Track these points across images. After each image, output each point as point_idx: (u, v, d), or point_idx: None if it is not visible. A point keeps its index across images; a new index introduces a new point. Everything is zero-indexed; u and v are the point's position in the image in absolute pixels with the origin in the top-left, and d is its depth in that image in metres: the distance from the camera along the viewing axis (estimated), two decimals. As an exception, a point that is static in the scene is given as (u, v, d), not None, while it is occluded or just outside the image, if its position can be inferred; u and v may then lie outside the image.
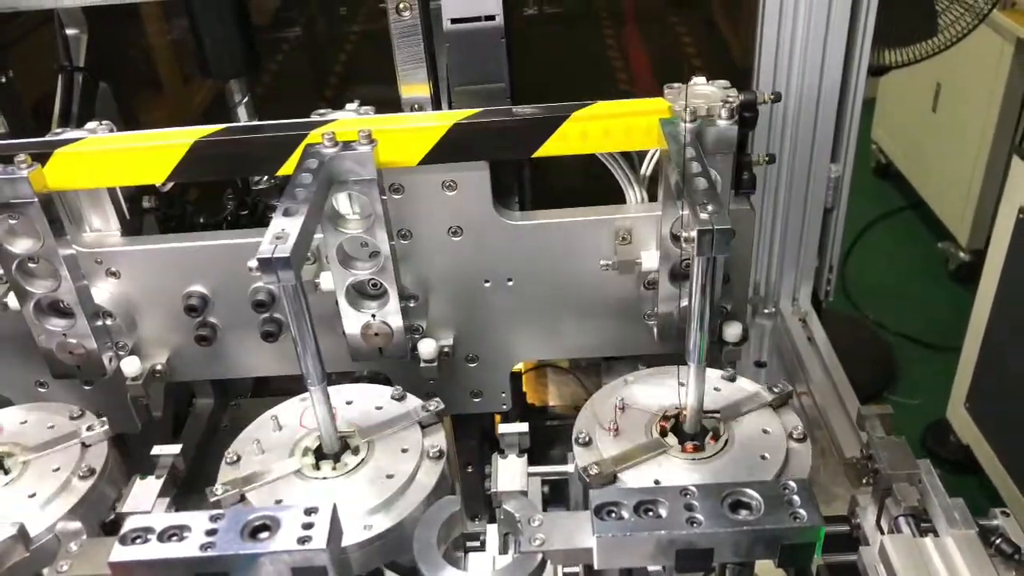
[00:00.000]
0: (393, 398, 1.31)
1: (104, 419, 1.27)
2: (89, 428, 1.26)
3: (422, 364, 1.43)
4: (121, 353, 1.46)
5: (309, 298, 1.08)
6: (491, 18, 1.37)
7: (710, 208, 1.01)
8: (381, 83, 1.51)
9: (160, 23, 2.01)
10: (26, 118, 1.54)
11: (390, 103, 1.44)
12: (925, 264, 4.19)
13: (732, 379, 1.28)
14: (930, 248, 4.20)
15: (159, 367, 1.48)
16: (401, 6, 1.33)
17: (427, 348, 1.42)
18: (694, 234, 0.99)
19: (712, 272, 1.05)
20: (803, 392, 1.85)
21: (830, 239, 2.04)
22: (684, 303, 1.36)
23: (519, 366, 1.61)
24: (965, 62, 3.39)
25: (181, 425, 1.87)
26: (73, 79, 1.67)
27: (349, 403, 1.30)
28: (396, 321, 1.39)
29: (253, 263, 1.03)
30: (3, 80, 1.48)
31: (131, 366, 1.43)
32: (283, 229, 1.05)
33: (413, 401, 1.31)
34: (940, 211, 4.21)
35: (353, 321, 1.39)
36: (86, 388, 1.48)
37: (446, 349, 1.46)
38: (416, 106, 1.44)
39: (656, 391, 1.25)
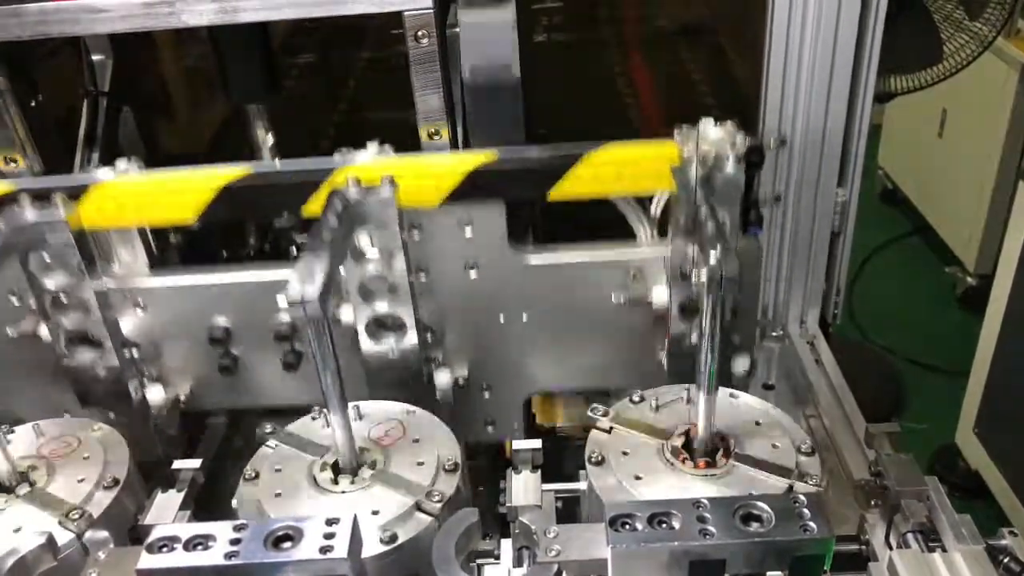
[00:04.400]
0: (408, 414, 1.33)
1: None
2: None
3: (437, 394, 1.47)
4: (146, 382, 1.52)
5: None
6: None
7: (719, 250, 1.05)
8: (396, 109, 1.54)
9: (181, 49, 2.05)
10: (54, 141, 1.58)
11: (406, 124, 1.48)
12: (932, 289, 4.19)
13: (737, 397, 1.31)
14: (937, 273, 4.21)
15: (182, 396, 1.54)
16: (419, 33, 1.37)
17: (443, 379, 1.47)
18: (704, 277, 1.04)
19: (721, 310, 1.09)
20: (811, 415, 1.86)
21: (837, 262, 2.06)
22: (694, 338, 1.40)
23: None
24: (970, 88, 3.42)
25: (195, 441, 1.89)
26: (97, 104, 1.71)
27: (365, 417, 1.33)
28: (413, 353, 1.44)
29: (284, 302, 1.08)
30: (33, 104, 1.52)
31: (156, 395, 1.49)
32: (311, 269, 1.10)
33: (428, 416, 1.33)
34: (947, 236, 4.22)
35: (372, 352, 1.44)
36: (111, 415, 1.51)
37: (461, 380, 1.51)
38: (433, 131, 1.47)
39: (668, 409, 1.28)
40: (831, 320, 2.14)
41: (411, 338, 1.43)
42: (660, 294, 1.42)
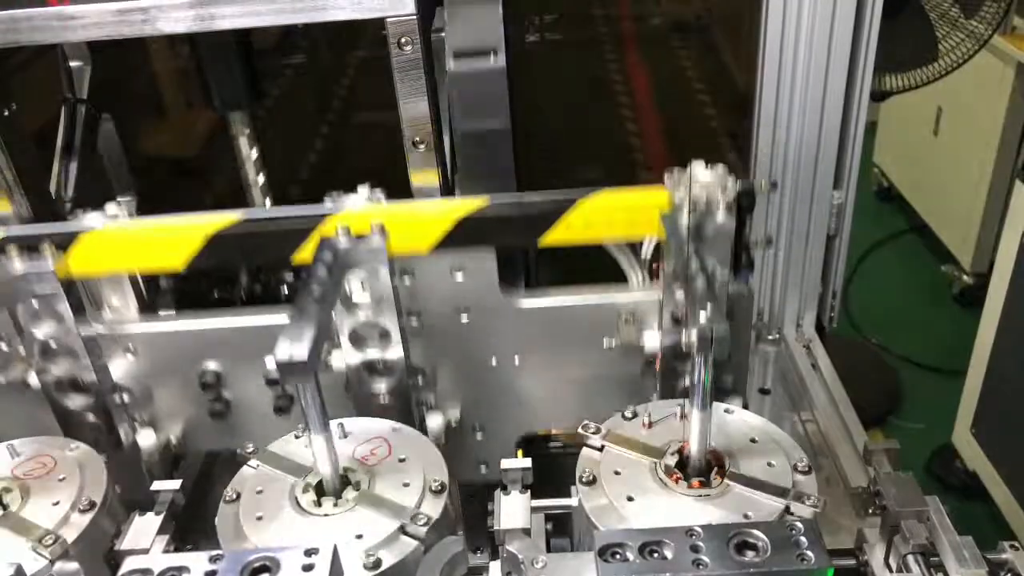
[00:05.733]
0: (394, 431, 1.30)
1: (118, 488, 1.29)
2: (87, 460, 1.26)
3: (430, 436, 1.45)
4: (137, 426, 1.50)
5: (320, 376, 1.10)
6: (493, 53, 1.38)
7: (709, 309, 1.04)
8: (382, 110, 1.52)
9: (162, 55, 2.02)
10: (29, 150, 1.54)
11: (391, 126, 1.47)
12: (928, 288, 4.18)
13: (732, 413, 1.28)
14: (933, 272, 4.19)
15: (173, 439, 1.53)
16: (402, 40, 1.34)
17: (435, 422, 1.46)
18: (694, 337, 1.02)
19: (712, 363, 1.08)
20: (808, 419, 1.84)
21: (833, 265, 2.04)
22: (686, 382, 1.38)
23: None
24: (966, 86, 3.40)
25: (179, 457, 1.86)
26: (76, 110, 1.67)
27: (349, 436, 1.29)
28: (404, 396, 1.43)
29: (272, 364, 1.06)
30: (6, 113, 1.48)
31: (147, 439, 1.49)
32: (300, 329, 1.08)
33: (414, 434, 1.30)
34: (943, 235, 4.21)
35: (364, 397, 1.43)
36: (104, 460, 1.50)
37: (453, 422, 1.51)
38: (418, 141, 1.45)
39: (661, 425, 1.25)
40: (827, 323, 2.12)
41: (402, 382, 1.43)
42: (652, 338, 1.43)
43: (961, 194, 3.89)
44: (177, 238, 1.36)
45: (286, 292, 1.70)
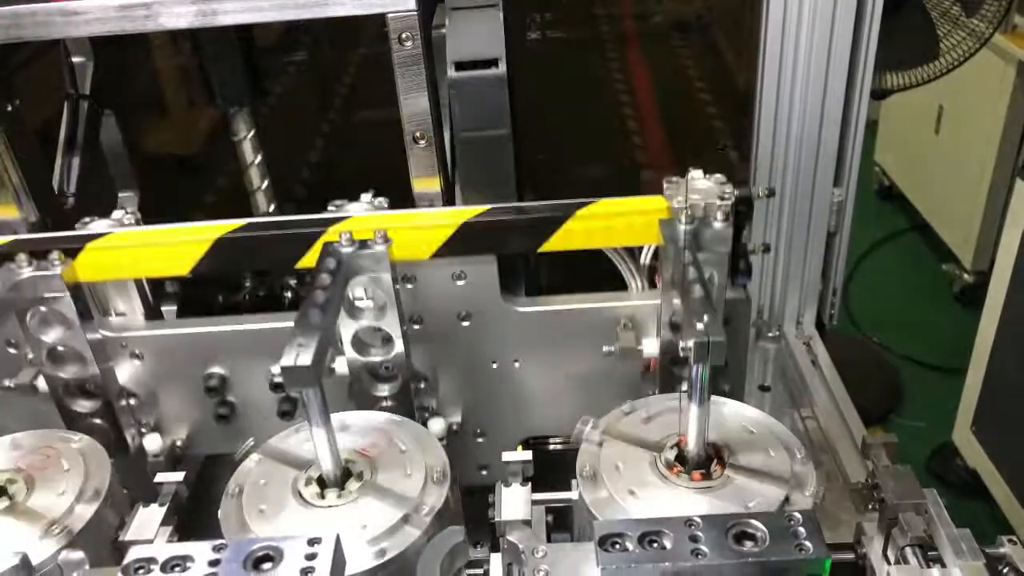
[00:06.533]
0: (395, 423, 1.31)
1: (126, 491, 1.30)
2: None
3: None
4: (144, 430, 1.52)
5: (324, 381, 1.11)
6: (494, 63, 1.40)
7: (706, 319, 1.05)
8: (383, 106, 1.53)
9: (165, 51, 2.03)
10: (33, 146, 1.55)
11: (392, 124, 1.47)
12: (929, 286, 4.18)
13: (730, 406, 1.29)
14: (934, 270, 4.20)
15: (179, 442, 1.54)
16: (403, 36, 1.34)
17: (436, 426, 1.46)
18: (691, 344, 1.03)
19: (709, 375, 1.09)
20: (808, 416, 1.84)
21: (834, 263, 2.04)
22: (685, 388, 1.39)
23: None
24: (967, 85, 3.39)
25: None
26: (78, 106, 1.68)
27: (351, 428, 1.30)
28: (407, 401, 1.45)
29: (276, 370, 1.07)
30: (9, 108, 1.49)
31: (153, 443, 1.50)
32: (304, 336, 1.09)
33: (415, 426, 1.31)
34: (943, 233, 4.21)
35: (366, 401, 1.44)
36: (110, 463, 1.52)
37: (455, 426, 1.52)
38: (419, 137, 1.46)
39: (659, 419, 1.25)
40: (828, 321, 2.12)
41: (404, 387, 1.44)
42: (650, 344, 1.44)
43: (962, 193, 3.89)
44: (183, 244, 1.38)
45: (290, 297, 1.72)
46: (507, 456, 1.22)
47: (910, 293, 4.21)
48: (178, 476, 1.25)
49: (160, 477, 1.26)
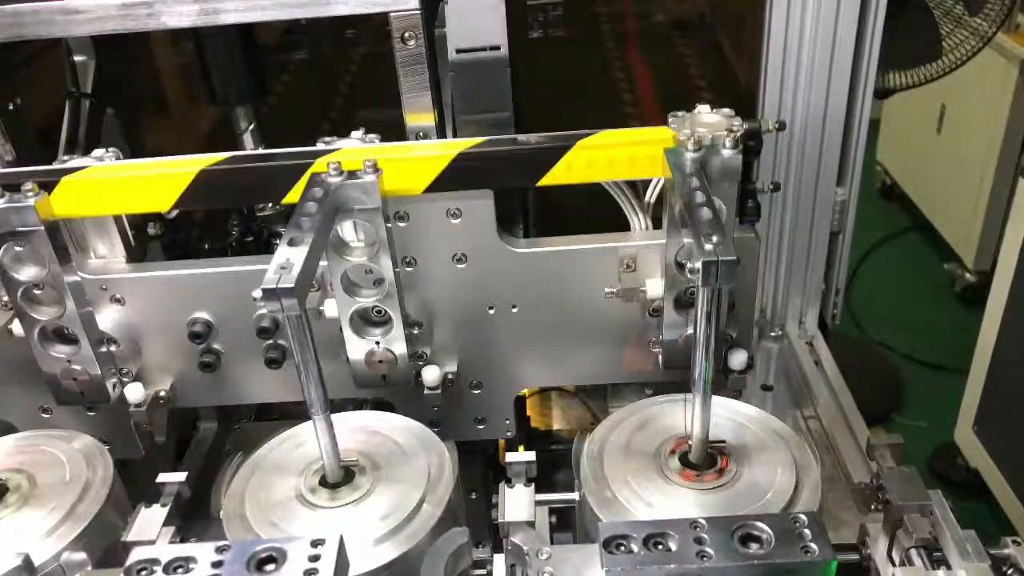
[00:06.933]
0: (397, 423, 1.30)
1: (108, 446, 1.27)
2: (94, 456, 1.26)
3: (426, 391, 1.42)
4: (125, 379, 1.46)
5: (313, 325, 1.08)
6: (496, 48, 1.37)
7: (715, 239, 1.01)
8: (386, 106, 1.52)
9: (166, 50, 2.02)
10: (33, 144, 1.55)
11: (395, 125, 1.46)
12: (931, 285, 4.17)
13: (733, 406, 1.29)
14: (936, 269, 4.19)
15: (163, 393, 1.47)
16: (406, 35, 1.33)
17: (431, 375, 1.41)
18: (699, 265, 0.99)
19: (717, 302, 1.05)
20: (810, 416, 1.84)
21: (836, 262, 2.04)
22: (689, 331, 1.36)
23: (524, 391, 1.60)
24: (969, 84, 3.39)
25: (184, 449, 1.86)
26: (80, 105, 1.67)
27: (353, 428, 1.30)
28: (400, 348, 1.39)
29: (257, 293, 1.03)
30: (11, 107, 1.48)
31: (135, 393, 1.42)
32: (287, 259, 1.05)
33: (418, 427, 1.31)
34: (946, 232, 4.20)
35: (357, 348, 1.39)
36: (90, 414, 1.48)
37: (450, 376, 1.46)
38: (421, 134, 1.44)
39: (662, 420, 1.25)
40: (830, 320, 2.12)
41: (398, 333, 1.38)
42: (655, 286, 1.38)
43: (964, 192, 3.89)
44: (164, 178, 1.30)
45: (279, 244, 1.66)
46: (511, 457, 1.22)
47: (912, 292, 4.20)
48: (180, 476, 1.25)
49: (162, 477, 1.25)
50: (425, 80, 1.39)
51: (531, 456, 1.21)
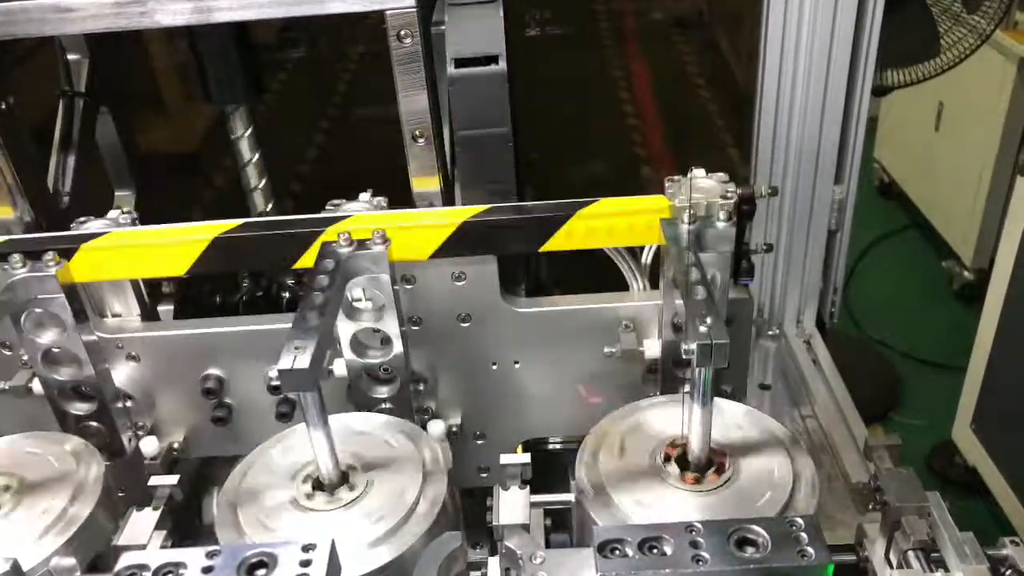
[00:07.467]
0: (392, 426, 1.29)
1: (122, 494, 1.29)
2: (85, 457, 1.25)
3: None
4: (140, 433, 1.50)
5: (322, 384, 1.10)
6: (494, 60, 1.38)
7: (708, 321, 1.04)
8: (383, 105, 1.52)
9: (161, 48, 2.01)
10: (27, 145, 1.54)
11: (391, 121, 1.46)
12: (929, 283, 4.17)
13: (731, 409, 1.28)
14: (934, 267, 4.19)
15: (176, 445, 1.52)
16: (402, 33, 1.33)
17: (436, 429, 1.44)
18: (694, 347, 1.02)
19: (712, 378, 1.08)
20: (808, 415, 1.83)
21: (834, 261, 2.03)
22: (687, 389, 1.38)
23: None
24: (967, 81, 3.39)
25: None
26: (74, 104, 1.66)
27: (347, 431, 1.28)
28: (406, 404, 1.43)
29: (274, 373, 1.05)
30: (3, 106, 1.47)
31: (150, 446, 1.47)
32: (302, 340, 1.08)
33: (412, 427, 1.30)
34: (944, 230, 4.20)
35: (365, 404, 1.43)
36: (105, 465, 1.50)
37: (454, 428, 1.50)
38: (418, 135, 1.45)
39: (660, 422, 1.24)
40: (828, 319, 2.11)
41: (404, 389, 1.42)
42: (652, 347, 1.42)
43: (962, 190, 3.89)
44: (179, 244, 1.36)
45: (288, 297, 1.70)
46: (505, 459, 1.21)
47: (910, 290, 4.20)
48: (172, 479, 1.24)
49: (154, 480, 1.24)
50: (421, 79, 1.39)
51: (526, 458, 1.20)
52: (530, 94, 1.64)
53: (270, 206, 1.82)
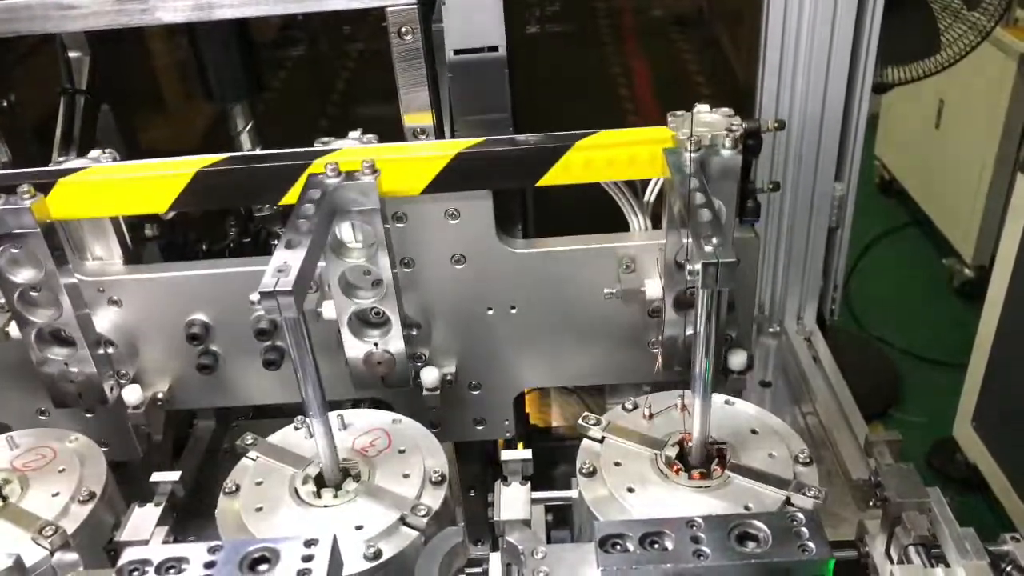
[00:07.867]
0: (394, 423, 1.30)
1: (105, 448, 1.26)
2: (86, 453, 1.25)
3: (424, 392, 1.42)
4: (122, 381, 1.46)
5: (311, 326, 1.07)
6: (494, 49, 1.36)
7: (714, 241, 1.01)
8: (384, 103, 1.51)
9: (162, 46, 2.01)
10: (28, 142, 1.54)
11: (393, 121, 1.45)
12: (929, 281, 4.16)
13: (732, 404, 1.28)
14: (934, 265, 4.18)
15: (160, 395, 1.47)
16: (403, 30, 1.33)
17: (429, 376, 1.41)
18: (699, 267, 0.98)
19: (717, 303, 1.04)
20: (808, 412, 1.84)
21: (835, 258, 2.03)
22: (689, 331, 1.35)
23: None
24: (968, 79, 3.38)
25: (182, 447, 1.86)
26: (75, 102, 1.66)
27: (349, 427, 1.29)
28: (398, 349, 1.38)
29: (255, 296, 1.03)
30: (5, 104, 1.47)
31: (132, 395, 1.42)
32: (285, 261, 1.05)
33: (414, 426, 1.30)
34: (944, 227, 4.19)
35: (355, 349, 1.38)
36: (87, 416, 1.47)
37: (448, 377, 1.46)
38: (419, 131, 1.43)
39: (661, 417, 1.24)
40: (829, 316, 2.11)
41: (396, 334, 1.37)
42: (654, 287, 1.37)
43: (963, 187, 3.88)
44: (161, 179, 1.30)
45: (276, 244, 1.66)
46: (507, 455, 1.21)
47: (910, 287, 4.19)
48: (174, 475, 1.24)
49: (156, 476, 1.24)
50: (423, 75, 1.39)
51: (527, 454, 1.20)
52: (530, 93, 1.64)
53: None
